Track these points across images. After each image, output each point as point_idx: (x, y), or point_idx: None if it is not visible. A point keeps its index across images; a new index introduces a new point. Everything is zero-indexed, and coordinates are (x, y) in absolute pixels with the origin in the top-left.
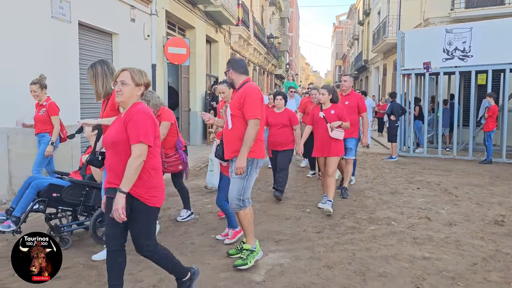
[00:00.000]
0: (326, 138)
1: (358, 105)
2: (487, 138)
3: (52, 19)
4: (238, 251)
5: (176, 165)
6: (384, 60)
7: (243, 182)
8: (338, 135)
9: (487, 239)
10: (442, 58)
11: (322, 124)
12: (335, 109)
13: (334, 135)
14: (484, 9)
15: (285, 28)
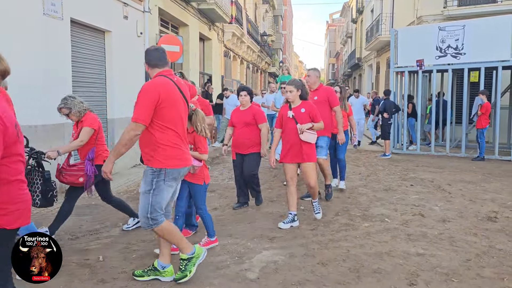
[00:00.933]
0: (297, 141)
1: (329, 99)
2: (480, 135)
3: (43, 16)
4: (144, 272)
5: (75, 176)
6: (377, 58)
7: (149, 198)
8: (310, 138)
9: (481, 235)
10: (435, 56)
11: (292, 125)
12: (306, 107)
13: (305, 138)
14: (476, 7)
15: (278, 26)
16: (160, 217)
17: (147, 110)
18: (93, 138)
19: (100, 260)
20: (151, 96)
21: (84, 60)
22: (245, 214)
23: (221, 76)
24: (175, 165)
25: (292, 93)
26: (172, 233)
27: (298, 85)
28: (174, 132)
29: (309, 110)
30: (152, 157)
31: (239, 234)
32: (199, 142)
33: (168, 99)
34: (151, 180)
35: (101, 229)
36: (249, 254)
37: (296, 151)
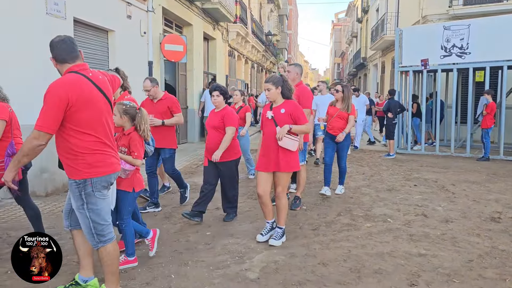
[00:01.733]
0: (273, 146)
1: (299, 98)
2: (484, 135)
3: (46, 15)
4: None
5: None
6: (382, 58)
7: (86, 214)
8: (289, 145)
9: (483, 236)
10: (440, 55)
11: (271, 127)
12: (287, 107)
13: (283, 144)
14: (482, 6)
15: (283, 26)
16: (106, 229)
17: (53, 116)
18: (7, 131)
19: None
20: (56, 98)
21: (87, 60)
22: (247, 214)
23: (226, 76)
24: (100, 172)
25: (270, 91)
26: (114, 259)
27: (276, 81)
28: (93, 137)
29: (291, 111)
30: (73, 168)
31: (240, 234)
32: (134, 146)
33: (80, 100)
34: (78, 195)
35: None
36: (250, 254)
37: (273, 158)
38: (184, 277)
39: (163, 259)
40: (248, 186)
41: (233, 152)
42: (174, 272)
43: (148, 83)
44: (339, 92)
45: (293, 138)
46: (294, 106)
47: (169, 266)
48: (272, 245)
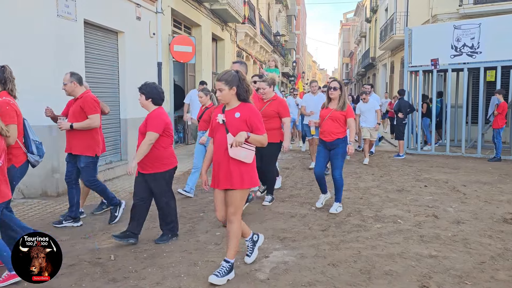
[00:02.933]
0: (223, 157)
1: None
2: (496, 136)
3: (57, 17)
4: None
5: None
6: (391, 57)
7: None
8: (241, 155)
9: (496, 237)
10: (450, 55)
11: (222, 134)
12: (243, 112)
13: (234, 153)
14: (493, 4)
15: (291, 26)
16: None
17: None
18: None
19: (111, 259)
20: None
21: (97, 61)
22: (256, 215)
23: None
24: None
25: (222, 92)
26: None
27: (231, 80)
28: None
29: (247, 116)
30: None
31: None
32: None
33: None
34: None
35: (113, 228)
36: (260, 254)
37: (223, 172)
38: (194, 277)
39: (173, 259)
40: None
41: (160, 163)
42: (184, 272)
43: (66, 77)
44: (337, 90)
45: (249, 147)
46: (251, 112)
47: (179, 266)
48: (213, 283)
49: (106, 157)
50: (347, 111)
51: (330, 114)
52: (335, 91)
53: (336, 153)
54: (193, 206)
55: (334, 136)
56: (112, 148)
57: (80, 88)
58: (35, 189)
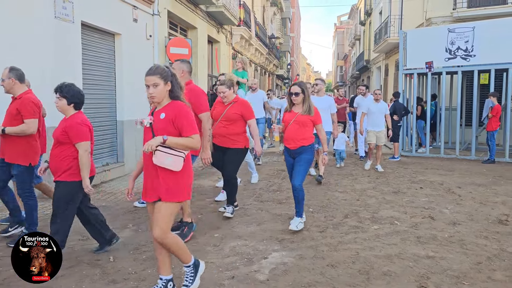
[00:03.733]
0: (151, 166)
1: (190, 101)
2: (490, 138)
3: (55, 19)
4: None
5: None
6: (386, 60)
7: None
8: (168, 163)
9: (491, 238)
10: (445, 58)
11: (149, 137)
12: (169, 111)
13: (158, 161)
14: (486, 8)
15: (286, 29)
16: None
17: None
18: None
19: (111, 261)
20: None
21: (94, 63)
22: (254, 216)
23: None
24: None
25: (157, 87)
26: None
27: (166, 75)
28: None
29: (174, 116)
30: None
31: (248, 236)
32: None
33: None
34: None
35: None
36: (259, 256)
37: (151, 182)
38: None
39: (173, 260)
40: (254, 189)
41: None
42: (184, 273)
43: (4, 72)
44: (299, 96)
45: (173, 153)
46: (178, 110)
47: (179, 268)
48: None
49: (103, 159)
50: (315, 116)
51: (295, 118)
52: (297, 97)
53: (300, 158)
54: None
55: (298, 143)
56: (108, 150)
57: (20, 87)
58: None
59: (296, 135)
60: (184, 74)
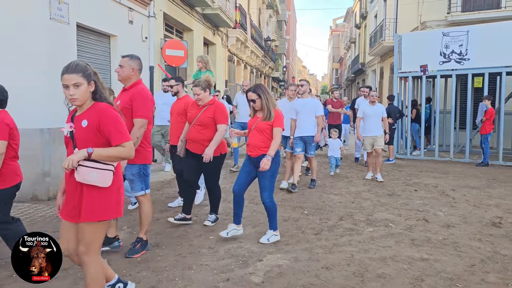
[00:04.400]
0: (74, 181)
1: (132, 104)
2: (484, 141)
3: (50, 20)
4: None
5: None
6: (381, 63)
7: None
8: (92, 178)
9: (485, 240)
10: (439, 61)
11: (71, 149)
12: (91, 116)
13: (81, 177)
14: (480, 12)
15: (282, 31)
16: None
17: None
18: None
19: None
20: None
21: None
22: (250, 219)
23: (225, 81)
24: None
25: (80, 87)
26: None
27: (89, 72)
28: None
29: (98, 122)
30: None
31: (243, 238)
32: None
33: None
34: None
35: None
36: (254, 258)
37: (74, 199)
38: (189, 281)
39: (167, 263)
40: (249, 191)
41: None
42: (179, 276)
43: None
44: (256, 102)
45: (100, 166)
46: (102, 114)
47: (174, 270)
48: None
49: None
50: (274, 120)
51: (255, 125)
52: (255, 104)
53: (263, 171)
54: None
55: (259, 151)
56: None
57: None
58: (26, 192)
59: (257, 142)
60: (134, 72)
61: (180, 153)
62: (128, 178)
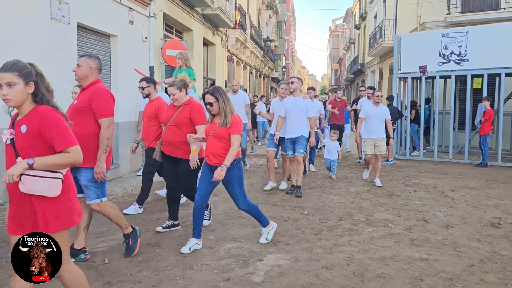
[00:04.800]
0: (18, 193)
1: (92, 104)
2: (483, 142)
3: (50, 20)
4: None
5: None
6: (380, 64)
7: None
8: (39, 188)
9: (484, 241)
10: (438, 62)
11: (11, 157)
12: (31, 121)
13: (26, 188)
14: (479, 13)
15: (281, 32)
16: None
17: None
18: None
19: (106, 263)
20: None
21: None
22: (250, 219)
23: (225, 81)
24: None
25: (14, 88)
26: None
27: (28, 71)
28: None
29: (39, 127)
30: None
31: (243, 238)
32: None
33: None
34: None
35: (107, 232)
36: (254, 258)
37: (24, 212)
38: (190, 280)
39: (168, 262)
40: (249, 191)
41: None
42: (179, 275)
43: None
44: (213, 105)
45: (46, 175)
46: (42, 118)
47: (174, 270)
48: None
49: None
50: (231, 126)
51: (213, 130)
52: (212, 107)
53: (229, 179)
54: (186, 210)
55: (219, 159)
56: None
57: None
58: None
59: (217, 149)
60: (92, 71)
61: (156, 156)
62: (82, 184)
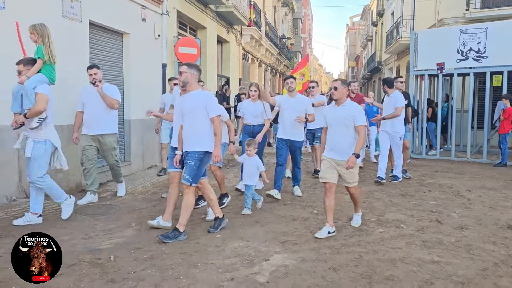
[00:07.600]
0: None
1: None
2: (502, 141)
3: (62, 18)
4: None
5: None
6: (397, 61)
7: None
8: None
9: (499, 243)
10: (456, 59)
11: None
12: None
13: None
14: (500, 9)
15: (297, 29)
16: None
17: None
18: None
19: (111, 260)
20: None
21: (102, 62)
22: (258, 217)
23: (239, 79)
24: None
25: None
26: None
27: None
28: None
29: None
30: None
31: (250, 237)
32: None
33: None
34: None
35: (114, 229)
36: (260, 258)
37: None
38: (193, 279)
39: (173, 260)
40: (259, 189)
41: None
42: (183, 274)
43: None
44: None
45: None
46: None
47: (179, 268)
48: None
49: None
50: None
51: None
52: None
53: None
54: (194, 208)
55: None
56: None
57: None
58: None
59: None
60: None
61: None
62: None
